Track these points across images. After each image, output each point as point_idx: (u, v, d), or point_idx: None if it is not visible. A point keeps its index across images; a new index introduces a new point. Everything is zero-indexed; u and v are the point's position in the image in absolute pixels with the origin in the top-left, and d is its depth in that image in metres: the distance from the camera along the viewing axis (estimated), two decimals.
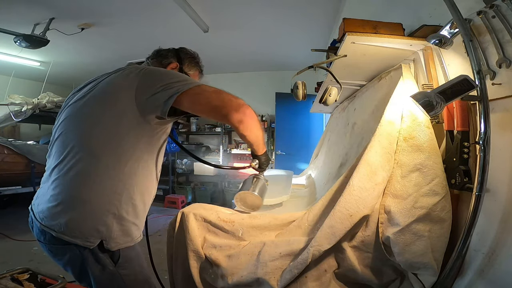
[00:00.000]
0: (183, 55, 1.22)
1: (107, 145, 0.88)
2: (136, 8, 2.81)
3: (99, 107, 0.90)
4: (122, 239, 0.91)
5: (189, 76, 1.16)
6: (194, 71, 1.26)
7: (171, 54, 1.21)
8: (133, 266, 0.96)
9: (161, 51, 1.22)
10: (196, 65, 1.27)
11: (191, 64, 1.24)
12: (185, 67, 1.21)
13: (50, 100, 4.16)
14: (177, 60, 1.20)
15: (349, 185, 0.94)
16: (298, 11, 2.86)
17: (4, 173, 3.61)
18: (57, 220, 0.86)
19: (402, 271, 0.94)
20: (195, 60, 1.27)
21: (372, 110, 1.39)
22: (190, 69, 1.23)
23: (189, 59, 1.24)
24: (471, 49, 0.77)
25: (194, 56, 1.28)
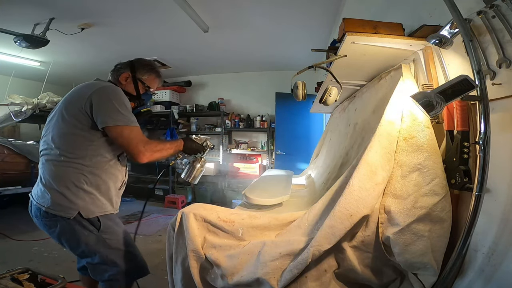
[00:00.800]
0: (137, 64, 1.44)
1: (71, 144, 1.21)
2: (136, 8, 2.81)
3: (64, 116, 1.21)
4: (94, 209, 1.22)
5: (144, 80, 1.44)
6: (147, 75, 1.46)
7: (125, 66, 1.44)
8: (112, 231, 1.28)
9: (118, 65, 1.47)
10: (149, 70, 1.46)
11: (143, 70, 1.44)
12: (138, 74, 1.43)
13: (50, 100, 4.15)
14: (130, 69, 1.42)
15: (349, 185, 0.94)
16: (298, 11, 2.86)
17: (4, 173, 3.60)
18: (44, 198, 1.18)
19: (402, 271, 0.94)
20: (149, 66, 1.47)
21: (373, 110, 1.39)
22: (143, 75, 1.44)
23: (142, 66, 1.45)
24: (471, 49, 0.77)
25: (148, 63, 1.49)
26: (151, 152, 1.23)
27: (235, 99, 5.26)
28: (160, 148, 1.28)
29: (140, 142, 1.21)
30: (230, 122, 4.94)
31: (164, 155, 1.31)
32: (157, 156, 1.27)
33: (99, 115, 1.17)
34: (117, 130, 1.17)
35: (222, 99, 5.11)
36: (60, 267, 2.35)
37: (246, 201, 1.51)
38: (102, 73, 4.92)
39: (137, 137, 1.21)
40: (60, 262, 2.46)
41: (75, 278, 2.07)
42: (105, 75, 1.53)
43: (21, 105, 3.83)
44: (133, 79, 1.41)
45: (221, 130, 4.87)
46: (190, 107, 5.17)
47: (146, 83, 1.44)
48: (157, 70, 1.52)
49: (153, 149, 1.24)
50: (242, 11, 2.90)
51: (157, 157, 1.26)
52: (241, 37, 3.57)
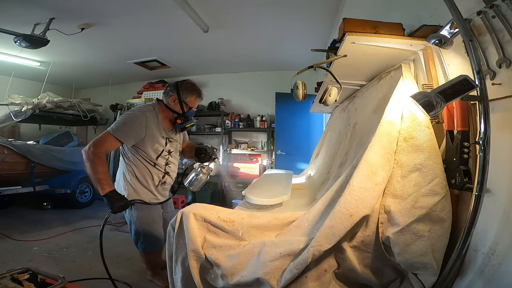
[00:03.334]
0: (181, 88, 1.73)
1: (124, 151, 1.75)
2: (136, 8, 2.81)
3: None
4: (133, 196, 1.68)
5: (187, 101, 1.74)
6: (189, 97, 1.74)
7: (172, 89, 1.74)
8: (141, 213, 1.72)
9: (167, 87, 1.77)
10: (191, 92, 1.74)
11: (186, 93, 1.73)
12: (182, 96, 1.72)
13: (50, 100, 4.16)
14: (176, 92, 1.72)
15: (349, 185, 0.94)
16: (298, 11, 2.86)
17: (4, 173, 3.60)
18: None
19: (402, 271, 0.94)
20: (190, 89, 1.75)
21: (373, 110, 1.39)
22: (186, 97, 1.73)
23: (185, 90, 1.73)
24: (471, 49, 0.77)
25: (189, 86, 1.76)
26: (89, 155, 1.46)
27: (235, 99, 5.26)
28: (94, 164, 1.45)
29: (95, 143, 1.48)
30: (230, 122, 4.94)
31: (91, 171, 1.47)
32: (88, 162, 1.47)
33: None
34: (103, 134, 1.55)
35: (222, 99, 5.11)
36: (60, 267, 2.35)
37: (246, 201, 1.51)
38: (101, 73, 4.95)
39: (99, 139, 1.51)
40: (60, 262, 2.46)
41: (75, 278, 2.08)
42: (105, 75, 1.56)
43: (21, 105, 3.83)
44: (179, 101, 1.72)
45: (221, 130, 4.87)
46: None
47: (189, 104, 1.74)
48: (198, 91, 1.79)
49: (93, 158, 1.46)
50: (242, 11, 2.90)
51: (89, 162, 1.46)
52: (241, 37, 3.57)
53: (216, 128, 5.01)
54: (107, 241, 3.00)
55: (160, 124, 1.72)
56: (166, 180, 1.81)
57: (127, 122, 1.58)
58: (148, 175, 1.72)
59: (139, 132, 1.61)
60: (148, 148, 1.68)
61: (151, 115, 1.68)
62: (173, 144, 1.83)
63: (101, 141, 1.49)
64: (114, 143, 1.55)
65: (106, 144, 1.51)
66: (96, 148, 1.46)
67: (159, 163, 1.74)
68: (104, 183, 1.46)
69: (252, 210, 1.33)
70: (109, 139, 1.52)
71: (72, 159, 4.48)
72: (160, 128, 1.72)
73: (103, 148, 1.50)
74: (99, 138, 1.51)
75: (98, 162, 1.46)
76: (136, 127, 1.60)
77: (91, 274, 2.21)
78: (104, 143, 1.50)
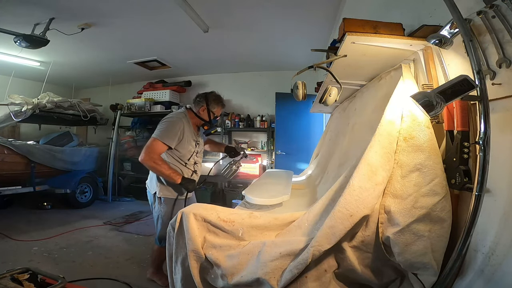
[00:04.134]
0: (209, 99, 2.01)
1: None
2: (136, 8, 2.81)
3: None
4: (163, 192, 1.91)
5: (214, 111, 2.03)
6: (216, 107, 2.03)
7: (202, 99, 2.02)
8: (168, 209, 1.90)
9: (197, 98, 2.05)
10: (217, 103, 2.03)
11: (214, 104, 2.02)
12: (210, 107, 2.01)
13: (50, 100, 4.16)
14: (205, 103, 2.00)
15: (349, 185, 0.94)
16: (298, 11, 2.86)
17: (4, 173, 3.60)
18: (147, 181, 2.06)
19: (402, 271, 0.94)
20: (217, 100, 2.03)
21: (372, 110, 1.39)
22: (213, 107, 2.02)
23: (214, 100, 2.02)
24: (471, 49, 0.77)
25: (216, 98, 2.04)
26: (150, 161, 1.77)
27: (235, 99, 5.26)
28: (158, 166, 1.78)
29: (149, 150, 1.78)
30: (230, 122, 4.94)
31: (159, 172, 1.83)
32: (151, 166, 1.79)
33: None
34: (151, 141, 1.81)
35: None
36: (60, 267, 2.35)
37: (246, 201, 1.51)
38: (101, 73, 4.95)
39: (150, 146, 1.79)
40: (60, 262, 2.46)
41: (75, 278, 2.08)
42: (105, 75, 1.56)
43: (21, 105, 3.83)
44: (207, 110, 2.00)
45: (221, 130, 4.87)
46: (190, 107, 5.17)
47: (215, 113, 2.04)
48: (223, 102, 2.09)
49: (155, 161, 1.77)
50: (242, 11, 2.90)
51: (152, 167, 1.80)
52: (241, 37, 3.57)
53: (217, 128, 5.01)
54: (107, 241, 3.00)
55: (191, 128, 1.99)
56: (193, 177, 2.02)
57: (169, 128, 1.85)
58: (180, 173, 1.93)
59: (179, 136, 1.88)
60: (183, 149, 1.93)
61: (185, 121, 1.96)
62: (200, 146, 2.10)
63: (152, 148, 1.78)
64: (162, 147, 1.81)
65: (157, 149, 1.80)
66: (151, 155, 1.77)
67: (190, 162, 1.99)
68: (173, 176, 1.80)
69: (252, 210, 1.33)
70: (157, 145, 1.79)
71: (72, 159, 4.48)
72: (191, 132, 1.99)
73: (156, 153, 1.79)
74: (150, 145, 1.78)
75: (160, 164, 1.78)
76: (176, 131, 1.86)
77: (91, 274, 2.21)
78: (155, 149, 1.79)
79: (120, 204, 4.81)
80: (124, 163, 5.39)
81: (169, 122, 1.88)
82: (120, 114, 5.16)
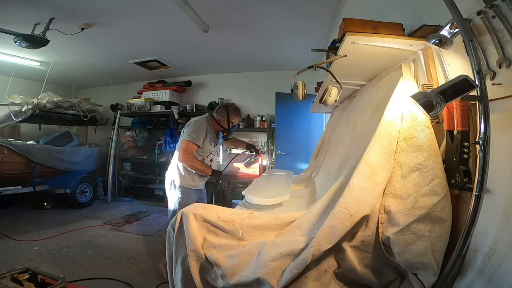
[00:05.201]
0: (230, 111, 2.32)
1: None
2: (136, 8, 2.81)
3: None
4: (181, 181, 2.23)
5: (233, 121, 2.37)
6: (235, 118, 2.37)
7: (223, 110, 2.33)
8: (184, 196, 2.21)
9: (219, 108, 2.36)
10: (237, 115, 2.38)
11: (233, 115, 2.35)
12: (230, 117, 2.32)
13: (50, 100, 4.16)
14: (226, 114, 2.31)
15: (349, 185, 0.94)
16: (298, 11, 2.86)
17: (4, 173, 3.60)
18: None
19: (402, 271, 0.94)
20: (236, 112, 2.37)
21: (372, 110, 1.39)
22: (233, 118, 2.35)
23: (233, 112, 2.34)
24: (471, 49, 0.77)
25: (236, 109, 2.37)
26: (188, 160, 2.14)
27: (235, 99, 5.24)
28: (194, 163, 2.16)
29: (185, 151, 2.14)
30: None
31: (194, 168, 2.19)
32: (189, 164, 2.17)
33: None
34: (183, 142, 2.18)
35: (222, 99, 5.10)
36: (60, 267, 2.35)
37: (246, 201, 1.51)
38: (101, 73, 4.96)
39: (185, 147, 2.14)
40: (60, 262, 2.46)
41: (75, 278, 2.08)
42: (105, 75, 1.55)
43: (21, 105, 3.82)
44: (227, 120, 2.32)
45: None
46: (190, 107, 5.16)
47: (234, 123, 2.38)
48: (241, 114, 2.46)
49: (192, 160, 2.15)
50: (242, 11, 2.90)
51: (189, 164, 2.18)
52: (241, 37, 3.57)
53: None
54: (107, 241, 3.00)
55: (212, 131, 2.33)
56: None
57: (196, 130, 2.18)
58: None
59: (204, 136, 2.21)
60: (204, 148, 2.25)
61: (208, 125, 2.29)
62: (217, 147, 2.48)
63: (187, 148, 2.13)
64: (193, 147, 2.16)
65: (191, 149, 2.15)
66: (187, 155, 2.13)
67: (207, 159, 2.34)
68: (206, 170, 2.21)
69: (252, 210, 1.33)
70: (190, 145, 2.14)
71: (72, 159, 4.48)
72: (212, 134, 2.33)
73: (190, 153, 2.15)
74: (184, 147, 2.14)
75: (195, 161, 2.16)
76: (202, 133, 2.19)
77: (91, 274, 2.21)
78: (189, 149, 2.14)
79: (120, 204, 4.81)
80: (124, 163, 5.39)
81: (196, 125, 2.21)
82: (120, 114, 5.15)
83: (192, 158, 2.15)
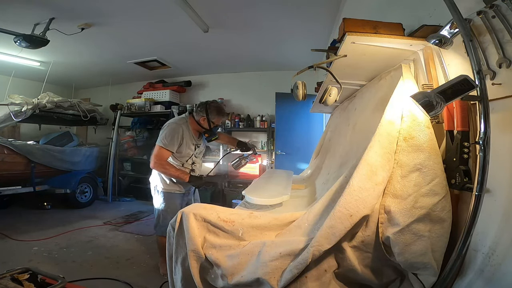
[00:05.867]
0: (209, 109, 2.12)
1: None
2: (136, 8, 2.81)
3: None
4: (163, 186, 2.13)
5: (213, 121, 2.15)
6: (216, 117, 2.15)
7: (202, 109, 2.14)
8: (167, 201, 2.13)
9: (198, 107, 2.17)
10: (217, 114, 2.15)
11: (213, 114, 2.13)
12: (210, 117, 2.13)
13: (50, 100, 4.16)
14: (205, 113, 2.11)
15: (349, 185, 0.94)
16: (298, 11, 2.86)
17: (4, 173, 3.61)
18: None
19: (402, 271, 0.94)
20: (216, 110, 2.14)
21: (372, 110, 1.39)
22: (213, 117, 2.14)
23: (212, 111, 2.13)
24: (471, 49, 0.77)
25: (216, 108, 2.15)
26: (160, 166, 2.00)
27: (235, 99, 5.26)
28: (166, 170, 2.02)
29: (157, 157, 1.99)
30: (230, 122, 4.94)
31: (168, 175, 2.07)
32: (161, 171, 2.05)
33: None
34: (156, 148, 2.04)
35: (222, 99, 5.11)
36: (60, 267, 2.35)
37: (246, 201, 1.51)
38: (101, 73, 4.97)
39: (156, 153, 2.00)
40: (60, 262, 2.46)
41: (75, 278, 2.08)
42: (105, 75, 1.55)
43: (21, 105, 3.83)
44: (207, 120, 2.13)
45: (221, 130, 4.87)
46: (190, 107, 5.16)
47: (215, 123, 2.18)
48: (223, 112, 2.21)
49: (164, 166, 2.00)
50: (242, 11, 2.90)
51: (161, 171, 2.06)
52: (241, 37, 3.57)
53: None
54: (107, 241, 3.00)
55: (190, 133, 2.16)
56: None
57: (169, 134, 2.02)
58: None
59: (179, 141, 2.06)
60: (182, 152, 2.12)
61: (185, 127, 2.12)
62: (200, 148, 2.29)
63: (158, 154, 2.00)
64: (167, 153, 2.02)
65: (163, 155, 2.01)
66: (158, 161, 1.99)
67: (187, 163, 2.19)
68: (182, 176, 2.02)
69: (252, 210, 1.33)
70: (161, 151, 2.00)
71: (72, 159, 4.48)
72: (191, 137, 2.17)
73: (163, 159, 2.00)
74: (156, 152, 2.00)
75: (167, 168, 2.01)
76: (176, 137, 2.03)
77: (91, 274, 2.21)
78: (161, 155, 2.00)
79: (120, 204, 4.81)
80: (124, 163, 5.39)
81: (170, 129, 2.05)
82: (120, 114, 5.16)
83: (164, 165, 2.00)
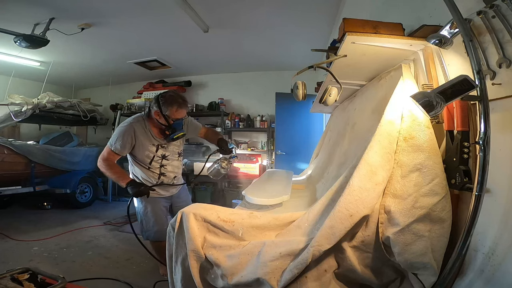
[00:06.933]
0: (161, 102, 1.78)
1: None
2: (136, 8, 2.81)
3: None
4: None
5: (168, 115, 1.77)
6: (170, 110, 1.77)
7: (154, 103, 1.81)
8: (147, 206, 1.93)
9: (151, 102, 1.85)
10: (170, 105, 1.77)
11: (165, 106, 1.77)
12: (163, 111, 1.77)
13: (50, 100, 4.16)
14: (158, 106, 1.78)
15: (349, 185, 0.94)
16: (298, 11, 2.86)
17: (4, 173, 3.60)
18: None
19: (402, 271, 0.94)
20: (169, 101, 1.77)
21: (372, 110, 1.39)
22: (166, 110, 1.77)
23: (164, 103, 1.77)
24: (471, 49, 0.77)
25: (168, 99, 1.78)
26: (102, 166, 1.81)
27: (235, 99, 5.26)
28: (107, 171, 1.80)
29: (102, 157, 1.82)
30: (230, 122, 4.94)
31: (108, 176, 1.84)
32: (103, 171, 1.82)
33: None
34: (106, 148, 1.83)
35: (222, 99, 5.10)
36: (60, 267, 2.35)
37: (246, 201, 1.51)
38: (101, 73, 4.97)
39: (103, 153, 1.82)
40: (60, 262, 2.46)
41: (75, 278, 2.08)
42: (105, 75, 1.56)
43: (21, 105, 3.83)
44: (162, 115, 1.78)
45: (221, 130, 4.86)
46: (190, 107, 5.16)
47: (171, 116, 1.78)
48: (178, 102, 1.79)
49: (105, 167, 1.79)
50: (242, 11, 2.90)
51: (103, 172, 1.83)
52: (241, 37, 3.57)
53: (216, 128, 5.00)
54: (107, 241, 3.00)
55: (149, 133, 1.86)
56: (163, 180, 1.97)
57: (118, 136, 1.79)
58: (145, 176, 1.93)
59: (130, 142, 1.80)
60: (140, 154, 1.87)
61: (139, 126, 1.83)
62: (169, 149, 1.96)
63: (105, 155, 1.81)
64: (113, 156, 1.81)
65: (109, 157, 1.81)
66: (103, 162, 1.80)
67: (153, 166, 1.92)
68: (120, 179, 1.77)
69: (252, 210, 1.33)
70: (109, 154, 1.81)
71: (72, 159, 4.48)
72: (150, 137, 1.87)
73: (108, 160, 1.81)
74: (103, 153, 1.82)
75: (108, 168, 1.79)
76: (125, 139, 1.78)
77: (91, 274, 2.21)
78: (107, 156, 1.81)
79: (120, 204, 4.81)
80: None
81: (119, 131, 1.80)
82: (120, 114, 5.15)
83: (106, 166, 1.78)
